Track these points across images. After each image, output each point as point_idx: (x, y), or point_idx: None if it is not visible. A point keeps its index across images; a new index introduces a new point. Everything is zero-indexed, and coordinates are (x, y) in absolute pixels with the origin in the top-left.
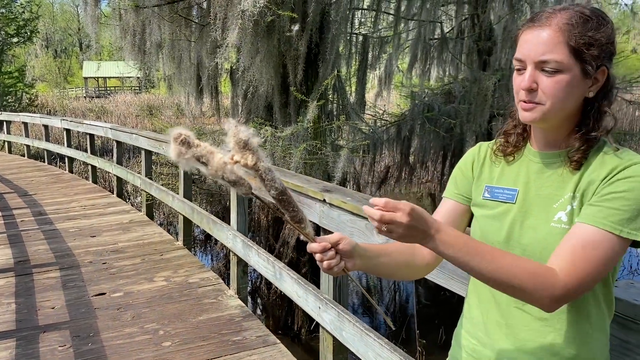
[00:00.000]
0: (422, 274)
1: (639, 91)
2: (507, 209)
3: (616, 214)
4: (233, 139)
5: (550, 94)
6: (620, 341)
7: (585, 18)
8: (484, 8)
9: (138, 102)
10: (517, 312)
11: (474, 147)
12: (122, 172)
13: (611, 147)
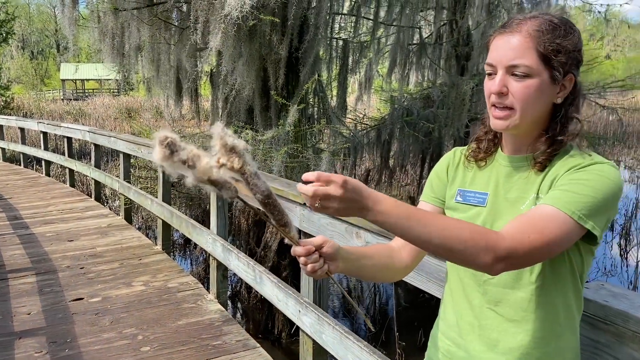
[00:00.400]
0: (401, 276)
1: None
2: (478, 212)
3: (572, 196)
4: (219, 142)
5: (520, 98)
6: (591, 341)
7: (554, 26)
8: (462, 14)
9: (117, 105)
10: (490, 313)
11: (449, 152)
12: (100, 175)
13: (578, 151)
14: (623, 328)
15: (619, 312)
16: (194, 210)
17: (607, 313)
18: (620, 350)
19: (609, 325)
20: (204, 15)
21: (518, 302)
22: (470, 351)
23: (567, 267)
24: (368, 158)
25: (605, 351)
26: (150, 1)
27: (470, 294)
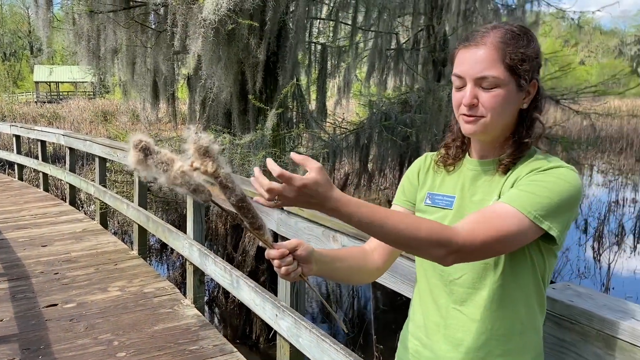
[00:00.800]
0: (373, 278)
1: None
2: (445, 215)
3: (529, 196)
4: (193, 145)
5: (490, 108)
6: (557, 339)
7: (516, 36)
8: (439, 20)
9: (92, 108)
10: (455, 313)
11: (420, 157)
12: (75, 179)
13: (541, 154)
14: (587, 327)
15: (583, 312)
16: (171, 215)
17: (572, 312)
18: (584, 348)
19: (574, 325)
20: (182, 19)
21: (481, 301)
22: (436, 351)
23: (529, 268)
24: (347, 162)
25: (571, 349)
26: (127, 4)
27: (437, 294)
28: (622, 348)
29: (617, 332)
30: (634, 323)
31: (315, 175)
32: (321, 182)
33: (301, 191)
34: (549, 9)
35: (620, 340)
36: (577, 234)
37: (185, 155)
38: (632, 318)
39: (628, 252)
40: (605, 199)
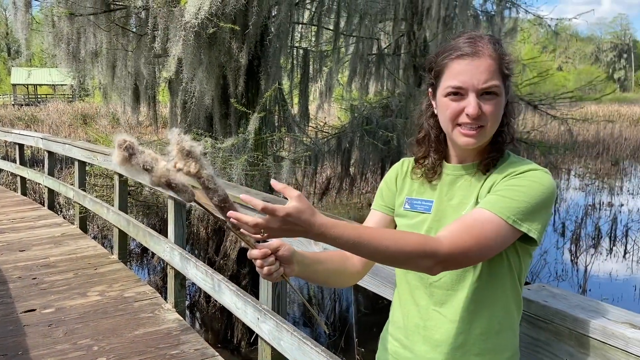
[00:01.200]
0: (353, 281)
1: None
2: (424, 219)
3: (508, 202)
4: (176, 147)
5: (492, 117)
6: (532, 339)
7: (501, 45)
8: (420, 25)
9: (71, 111)
10: (435, 314)
11: (397, 163)
12: (53, 183)
13: (515, 158)
14: (561, 326)
15: (557, 312)
16: (152, 219)
17: (547, 312)
18: (558, 347)
19: (548, 324)
20: (163, 22)
21: (460, 303)
22: (415, 352)
23: (506, 269)
24: (329, 166)
25: (545, 348)
26: (108, 7)
27: (418, 296)
28: (593, 346)
29: (589, 331)
30: (604, 322)
31: (296, 203)
32: (303, 209)
33: (285, 220)
34: (527, 16)
35: (592, 338)
36: (554, 237)
37: (169, 157)
38: (603, 317)
39: (604, 255)
40: (582, 202)
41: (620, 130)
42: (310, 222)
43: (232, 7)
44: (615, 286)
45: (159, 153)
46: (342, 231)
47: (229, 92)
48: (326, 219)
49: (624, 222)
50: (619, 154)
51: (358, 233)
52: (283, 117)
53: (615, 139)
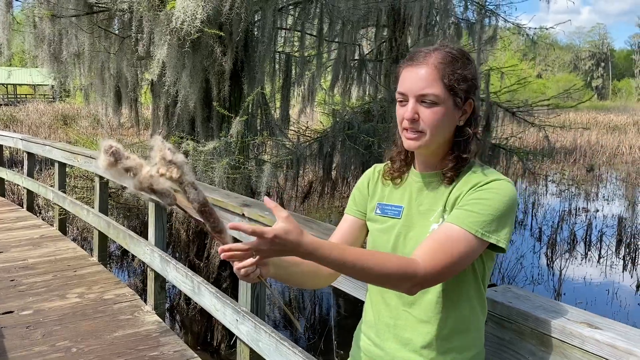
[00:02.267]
0: (328, 283)
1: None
2: (394, 224)
3: (475, 216)
4: (159, 153)
5: (429, 123)
6: (497, 338)
7: (455, 58)
8: (401, 32)
9: (52, 112)
10: (404, 314)
11: (369, 169)
12: (33, 185)
13: (479, 167)
14: (524, 326)
15: (520, 312)
16: (132, 221)
17: (511, 313)
18: (521, 345)
19: (512, 324)
20: (148, 25)
21: (428, 304)
22: (386, 349)
23: (470, 273)
24: (311, 170)
25: (509, 347)
26: (90, 9)
27: (388, 297)
28: (553, 345)
29: (549, 330)
30: (564, 322)
31: (284, 225)
32: (290, 230)
33: (274, 242)
34: (507, 25)
35: (552, 337)
36: (531, 242)
37: (152, 162)
38: (563, 317)
39: (579, 260)
40: (559, 208)
41: (597, 137)
42: (298, 243)
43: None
44: (589, 290)
45: (142, 158)
46: (328, 253)
47: (211, 95)
48: (313, 239)
49: (599, 228)
50: (595, 161)
51: (343, 255)
52: (265, 121)
53: (592, 146)
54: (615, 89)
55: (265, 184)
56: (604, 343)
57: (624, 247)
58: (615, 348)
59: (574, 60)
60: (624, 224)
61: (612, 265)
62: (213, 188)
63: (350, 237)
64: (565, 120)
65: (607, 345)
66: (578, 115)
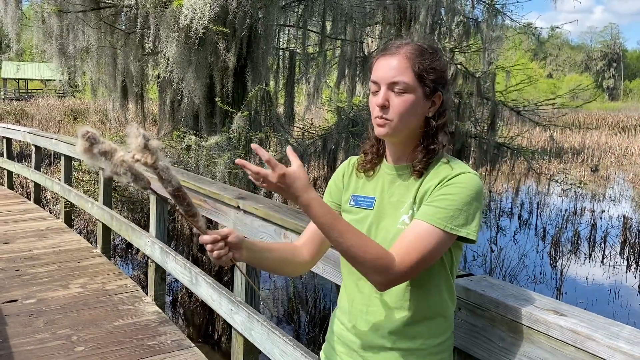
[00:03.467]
0: (302, 271)
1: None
2: (367, 214)
3: (442, 212)
4: (134, 140)
5: (398, 110)
6: (470, 325)
7: (425, 50)
8: (408, 30)
9: (62, 107)
10: (376, 300)
11: (345, 162)
12: (40, 178)
13: (447, 160)
14: (495, 313)
15: (492, 300)
16: (136, 214)
17: (484, 300)
18: (492, 332)
19: (484, 311)
20: (154, 22)
21: (398, 290)
22: (358, 334)
23: (439, 263)
24: (315, 167)
25: (481, 333)
26: (97, 5)
27: (361, 285)
28: (521, 331)
29: (518, 317)
30: (532, 309)
31: (296, 169)
32: (299, 177)
33: (280, 179)
34: (514, 24)
35: (520, 324)
36: (535, 241)
37: (127, 148)
38: (532, 305)
39: (582, 259)
40: (564, 208)
41: (606, 138)
42: (301, 190)
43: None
44: (591, 290)
45: (118, 143)
46: (322, 214)
47: (215, 91)
48: (317, 197)
49: (604, 228)
50: (603, 162)
51: (333, 223)
52: (268, 117)
53: (601, 147)
54: (626, 89)
55: None
56: (566, 329)
57: (629, 247)
58: (576, 333)
59: (585, 60)
60: (630, 224)
61: (616, 265)
62: (210, 181)
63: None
64: (575, 121)
65: (569, 331)
66: (588, 116)
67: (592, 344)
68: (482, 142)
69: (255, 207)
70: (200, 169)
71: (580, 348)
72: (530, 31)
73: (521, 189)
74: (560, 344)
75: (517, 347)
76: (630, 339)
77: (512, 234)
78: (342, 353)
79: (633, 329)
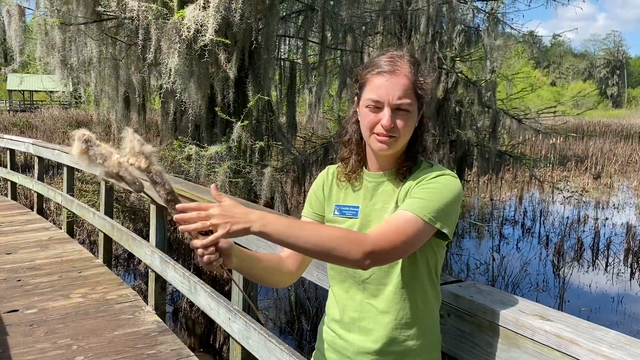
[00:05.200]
0: (289, 282)
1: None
2: (352, 223)
3: (422, 201)
4: (129, 144)
5: (403, 131)
6: (458, 330)
7: (419, 65)
8: (408, 40)
9: (66, 118)
10: (368, 306)
11: (323, 172)
12: (43, 188)
13: (428, 164)
14: (482, 319)
15: (480, 306)
16: (137, 224)
17: (472, 307)
18: (479, 337)
19: (472, 317)
20: (156, 33)
21: (389, 294)
22: (350, 340)
23: (424, 263)
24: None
25: (468, 339)
26: (99, 17)
27: (353, 293)
28: (508, 336)
29: (505, 322)
30: (518, 314)
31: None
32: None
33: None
34: (513, 32)
35: (507, 329)
36: (538, 249)
37: (122, 152)
38: (519, 310)
39: (585, 267)
40: (568, 215)
41: (610, 145)
42: (245, 213)
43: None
44: (594, 298)
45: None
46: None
47: (216, 101)
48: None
49: (607, 236)
50: (607, 169)
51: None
52: (270, 127)
53: (604, 154)
54: (630, 96)
55: (267, 186)
56: (551, 333)
57: (632, 255)
58: (560, 338)
59: (588, 67)
60: (633, 232)
61: (619, 273)
62: (208, 190)
63: None
64: (579, 129)
65: (553, 336)
66: (591, 124)
67: (575, 348)
68: (483, 151)
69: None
70: (201, 178)
71: (565, 353)
72: (531, 40)
73: (524, 197)
74: (546, 349)
75: (504, 352)
76: (612, 343)
77: (515, 242)
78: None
79: (617, 333)
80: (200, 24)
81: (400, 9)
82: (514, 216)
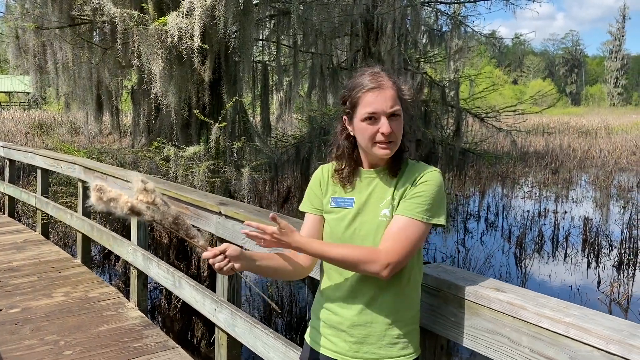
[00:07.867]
0: (303, 275)
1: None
2: (348, 212)
3: (418, 207)
4: (136, 185)
5: (399, 134)
6: (429, 305)
7: (397, 78)
8: (375, 42)
9: (28, 119)
10: (361, 285)
11: (317, 171)
12: (15, 191)
13: (414, 162)
14: (448, 293)
15: (444, 281)
16: (114, 225)
17: (439, 283)
18: (445, 309)
19: (439, 292)
20: (137, 39)
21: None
22: (344, 315)
23: None
24: (289, 175)
25: (437, 311)
26: (73, 21)
27: (346, 273)
28: (469, 307)
29: (466, 294)
30: (477, 288)
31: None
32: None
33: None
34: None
35: (468, 300)
36: (500, 242)
37: (130, 191)
38: (478, 285)
39: (546, 259)
40: (528, 210)
41: (569, 142)
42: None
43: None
44: (554, 287)
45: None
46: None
47: (191, 103)
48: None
49: (566, 228)
50: (566, 165)
51: (322, 246)
52: (244, 128)
53: (564, 150)
54: (587, 94)
55: (246, 186)
56: (504, 301)
57: (589, 246)
58: (512, 305)
59: (548, 66)
60: (590, 224)
61: (577, 263)
62: (192, 190)
63: (313, 231)
64: (539, 126)
65: (506, 303)
66: (552, 121)
67: (524, 312)
68: (448, 149)
69: (236, 211)
70: (179, 178)
71: (516, 317)
72: (492, 40)
73: (487, 192)
74: (500, 315)
75: (466, 320)
76: (553, 307)
77: (479, 236)
78: (329, 334)
79: (559, 300)
80: (183, 32)
81: (367, 12)
82: (478, 211)
